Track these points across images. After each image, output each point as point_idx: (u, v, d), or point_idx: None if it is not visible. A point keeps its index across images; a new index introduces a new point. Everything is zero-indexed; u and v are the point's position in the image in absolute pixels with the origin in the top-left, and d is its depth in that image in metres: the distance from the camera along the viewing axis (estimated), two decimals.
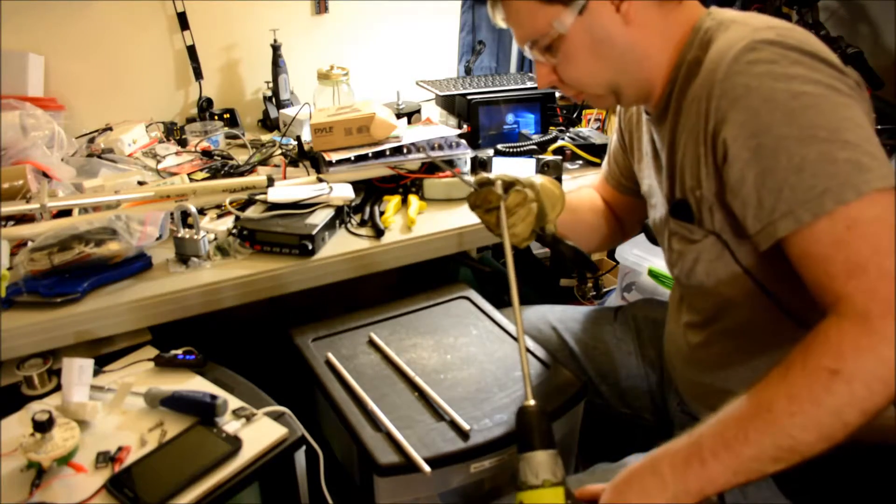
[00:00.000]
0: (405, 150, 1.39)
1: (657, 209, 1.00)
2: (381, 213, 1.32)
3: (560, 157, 1.46)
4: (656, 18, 0.85)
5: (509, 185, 0.99)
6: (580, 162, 1.61)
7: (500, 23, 0.93)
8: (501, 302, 1.22)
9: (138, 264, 1.12)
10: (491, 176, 1.00)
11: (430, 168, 1.43)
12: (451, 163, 1.32)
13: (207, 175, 1.45)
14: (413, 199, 1.36)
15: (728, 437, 0.68)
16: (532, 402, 0.80)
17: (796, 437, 0.66)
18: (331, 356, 1.05)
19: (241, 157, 1.57)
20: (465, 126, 1.63)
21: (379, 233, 1.26)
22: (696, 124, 0.81)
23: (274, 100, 1.85)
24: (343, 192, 1.28)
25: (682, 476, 0.70)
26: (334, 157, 1.35)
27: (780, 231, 0.72)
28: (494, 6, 0.93)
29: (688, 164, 0.85)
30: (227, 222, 1.26)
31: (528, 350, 1.08)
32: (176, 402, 0.93)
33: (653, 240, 1.39)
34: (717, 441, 0.69)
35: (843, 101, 0.72)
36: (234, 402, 0.95)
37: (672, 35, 0.86)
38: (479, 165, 1.46)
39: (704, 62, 0.80)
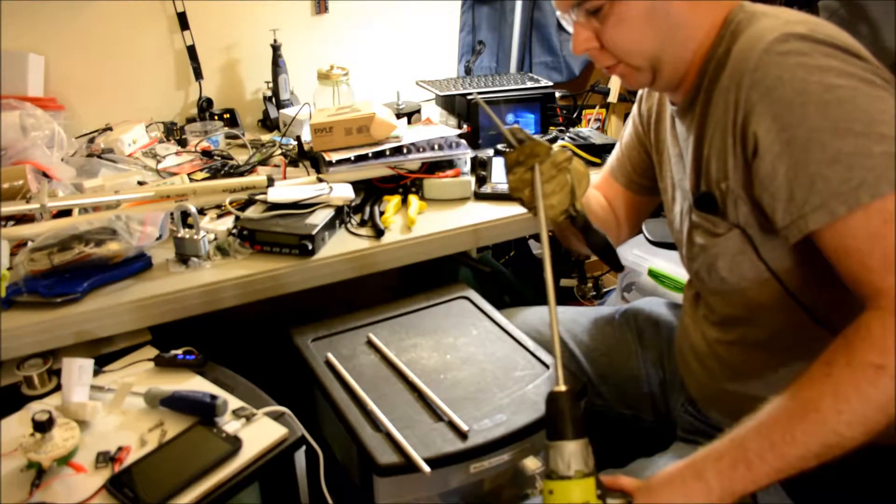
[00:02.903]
0: (405, 150, 1.39)
1: (677, 203, 0.98)
2: (381, 213, 1.32)
3: None
4: (708, 11, 0.83)
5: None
6: None
7: None
8: (501, 302, 1.22)
9: (138, 264, 1.12)
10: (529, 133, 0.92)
11: (430, 168, 1.44)
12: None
13: (207, 175, 1.45)
14: (413, 199, 1.36)
15: (775, 440, 0.69)
16: (563, 387, 0.75)
17: (843, 434, 0.67)
18: (331, 356, 1.05)
19: (241, 157, 1.57)
20: (465, 126, 1.63)
21: (379, 233, 1.26)
22: (724, 115, 0.80)
23: (274, 100, 1.85)
24: (343, 192, 1.28)
25: (728, 480, 0.70)
26: (334, 157, 1.35)
27: (812, 224, 0.72)
28: None
29: (714, 155, 0.84)
30: (227, 222, 1.26)
31: (528, 350, 1.08)
32: (176, 402, 0.93)
33: (654, 242, 1.39)
34: (763, 444, 0.69)
35: (878, 94, 0.71)
36: (234, 402, 0.95)
37: (713, 23, 0.84)
38: (479, 165, 1.46)
39: (732, 52, 0.79)
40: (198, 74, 1.80)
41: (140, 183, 1.36)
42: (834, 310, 0.82)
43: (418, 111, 1.81)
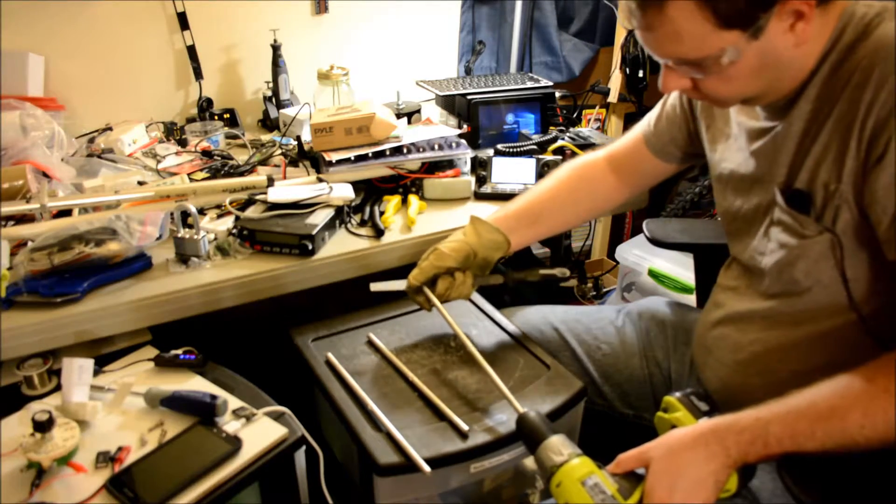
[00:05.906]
0: (405, 150, 1.39)
1: (751, 196, 0.93)
2: (381, 213, 1.32)
3: (560, 157, 1.46)
4: (819, 26, 0.78)
5: (441, 272, 1.08)
6: None
7: (630, 25, 0.79)
8: (501, 302, 1.22)
9: (138, 264, 1.12)
10: (414, 282, 1.07)
11: (430, 168, 1.44)
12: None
13: (207, 175, 1.45)
14: (413, 199, 1.36)
15: (797, 431, 0.72)
16: (524, 410, 0.86)
17: (859, 444, 0.70)
18: (331, 356, 1.05)
19: (241, 157, 1.56)
20: (465, 126, 1.63)
21: (379, 233, 1.26)
22: (849, 113, 0.76)
23: (274, 100, 1.85)
24: (343, 192, 1.28)
25: (744, 451, 0.74)
26: (334, 157, 1.35)
27: None
28: (633, 12, 0.77)
29: (829, 155, 0.79)
30: (227, 222, 1.26)
31: (528, 350, 1.09)
32: (176, 402, 0.93)
33: (655, 242, 1.39)
34: (784, 431, 0.73)
35: None
36: (234, 402, 0.95)
37: (825, 32, 0.79)
38: (479, 165, 1.46)
39: (863, 48, 0.76)
40: (198, 74, 1.80)
41: (140, 183, 1.36)
42: (889, 323, 0.81)
43: (418, 111, 1.81)
